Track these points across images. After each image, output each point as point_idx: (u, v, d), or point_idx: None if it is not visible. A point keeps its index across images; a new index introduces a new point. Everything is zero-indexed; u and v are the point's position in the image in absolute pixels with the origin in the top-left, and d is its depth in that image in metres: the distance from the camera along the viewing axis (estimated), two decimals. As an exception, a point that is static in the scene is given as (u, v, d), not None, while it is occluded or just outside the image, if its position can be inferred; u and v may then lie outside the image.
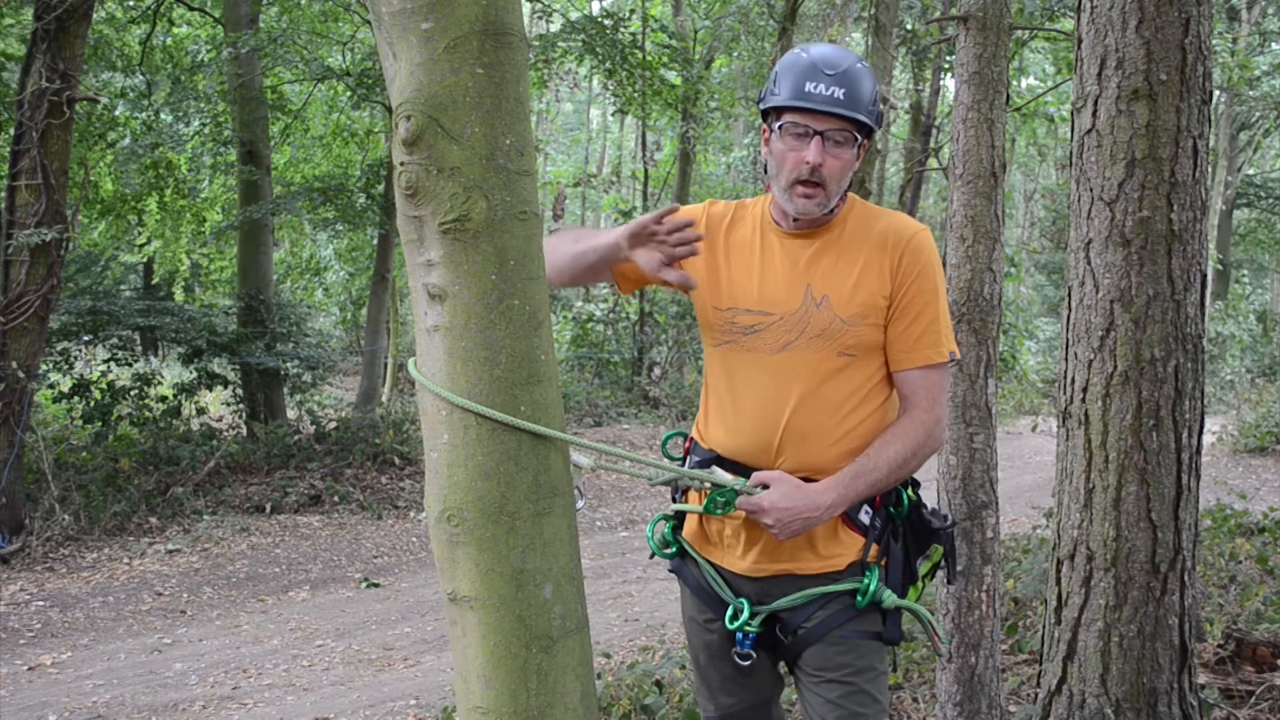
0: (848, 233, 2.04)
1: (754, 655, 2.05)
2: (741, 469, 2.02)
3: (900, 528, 2.07)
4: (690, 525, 2.16)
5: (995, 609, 3.29)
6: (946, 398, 2.05)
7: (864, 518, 2.02)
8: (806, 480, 1.96)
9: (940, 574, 2.38)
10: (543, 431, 1.71)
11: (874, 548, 2.02)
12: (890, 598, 1.99)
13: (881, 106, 2.03)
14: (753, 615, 2.04)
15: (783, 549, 2.00)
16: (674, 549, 2.17)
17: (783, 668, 2.20)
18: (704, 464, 2.09)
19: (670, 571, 2.22)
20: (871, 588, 1.98)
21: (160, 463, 9.19)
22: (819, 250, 2.03)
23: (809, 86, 1.93)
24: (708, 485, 1.97)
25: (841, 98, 1.92)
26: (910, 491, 2.11)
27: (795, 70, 1.96)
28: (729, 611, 2.06)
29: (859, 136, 1.96)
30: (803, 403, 1.98)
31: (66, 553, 7.40)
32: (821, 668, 2.00)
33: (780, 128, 1.97)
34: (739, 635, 2.04)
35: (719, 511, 1.96)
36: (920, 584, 2.10)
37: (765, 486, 1.93)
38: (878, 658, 2.03)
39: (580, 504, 1.82)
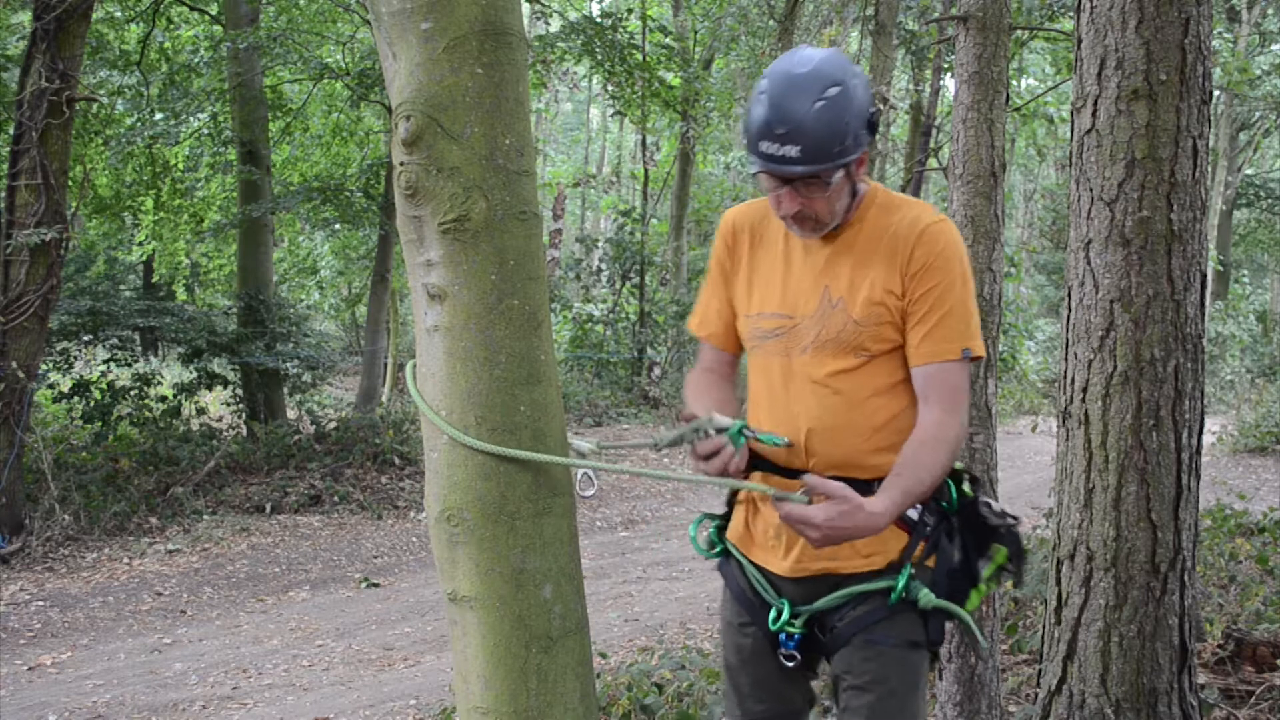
0: (865, 230, 1.97)
1: (798, 656, 1.99)
2: (778, 470, 1.99)
3: (954, 525, 1.99)
4: (735, 526, 2.11)
5: (995, 609, 3.30)
6: (968, 399, 1.95)
7: (911, 514, 1.95)
8: (840, 478, 1.87)
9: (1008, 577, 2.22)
10: (525, 457, 1.71)
11: (921, 545, 1.95)
12: (927, 597, 1.90)
13: (879, 106, 1.93)
14: (795, 616, 1.98)
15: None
16: (719, 548, 2.12)
17: (818, 685, 2.13)
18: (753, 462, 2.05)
19: (717, 570, 2.18)
20: (900, 585, 1.90)
21: (160, 463, 9.19)
22: (837, 250, 1.98)
23: (764, 146, 1.84)
24: (711, 431, 1.89)
25: (797, 155, 1.82)
26: (966, 487, 2.02)
27: (753, 122, 1.86)
28: (772, 613, 2.00)
29: (837, 172, 1.87)
30: (825, 404, 1.94)
31: (66, 553, 7.40)
32: (849, 672, 1.95)
33: (754, 173, 1.93)
34: (782, 636, 1.99)
35: (740, 441, 1.88)
36: (984, 587, 2.01)
37: (809, 494, 1.84)
38: (911, 667, 1.94)
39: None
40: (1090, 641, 2.97)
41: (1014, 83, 17.11)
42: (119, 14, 11.98)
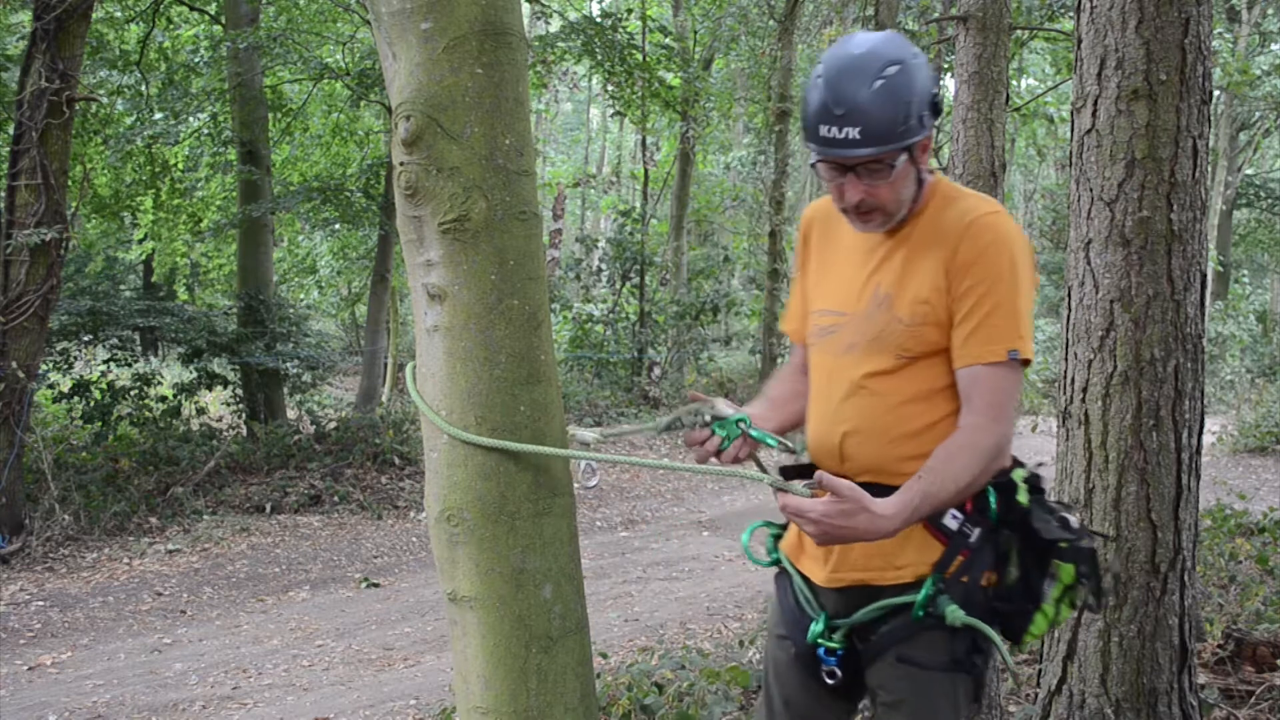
0: (921, 225, 1.87)
1: (839, 674, 1.91)
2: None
3: (1003, 538, 1.83)
4: (789, 537, 2.06)
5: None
6: (1013, 405, 1.79)
7: (950, 522, 1.82)
8: (873, 484, 1.79)
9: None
10: (527, 450, 1.71)
11: (959, 558, 1.81)
12: (954, 613, 1.77)
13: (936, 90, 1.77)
14: (832, 630, 1.90)
15: (856, 555, 1.87)
16: (774, 557, 2.06)
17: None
18: (801, 469, 1.99)
19: (774, 580, 2.12)
20: (920, 598, 1.79)
21: (160, 463, 9.19)
22: (893, 247, 1.88)
23: (823, 130, 1.75)
24: (706, 417, 1.84)
25: (858, 137, 1.73)
26: (1022, 496, 1.84)
27: (810, 107, 1.78)
28: (812, 626, 1.94)
29: (900, 155, 1.77)
30: (860, 406, 1.87)
31: (66, 553, 7.40)
32: (882, 687, 1.88)
33: (814, 162, 1.84)
34: (821, 652, 1.91)
35: (735, 432, 1.83)
36: (1050, 609, 1.84)
37: (812, 487, 1.74)
38: (944, 689, 1.83)
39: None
40: (1090, 641, 2.97)
41: (1014, 83, 17.11)
42: (119, 14, 11.99)
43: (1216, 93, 16.71)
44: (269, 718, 4.66)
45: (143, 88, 12.08)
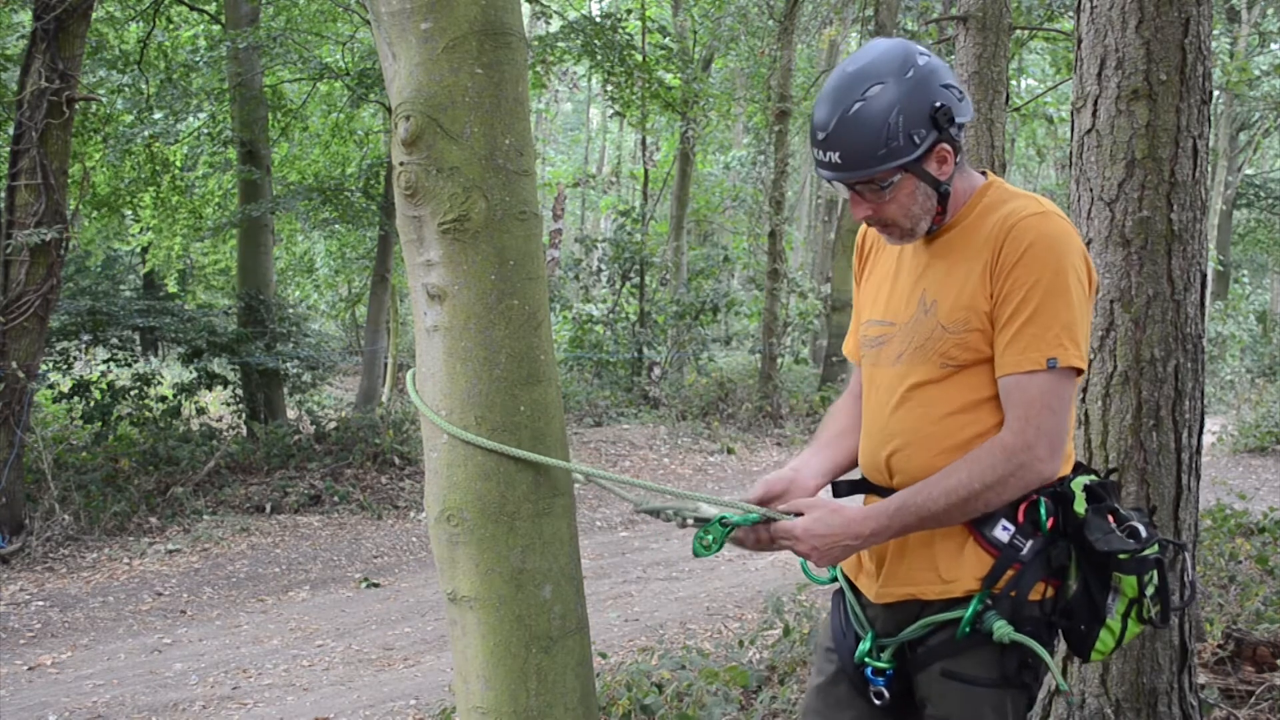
0: (967, 228, 1.82)
1: (886, 695, 1.87)
2: (875, 489, 1.91)
3: (1058, 550, 1.76)
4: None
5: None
6: (1054, 417, 1.70)
7: (1001, 534, 1.75)
8: None
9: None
10: (525, 456, 1.71)
11: (1009, 572, 1.75)
12: (1002, 629, 1.72)
13: (953, 97, 1.73)
14: (881, 649, 1.87)
15: (905, 569, 1.83)
16: (832, 574, 2.04)
17: None
18: (855, 484, 1.97)
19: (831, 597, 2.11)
20: (967, 615, 1.74)
21: (160, 463, 9.19)
22: (936, 253, 1.84)
23: (815, 152, 1.76)
24: (689, 521, 1.82)
25: (839, 161, 1.72)
26: (1079, 505, 1.76)
27: (811, 124, 1.79)
28: (862, 644, 1.91)
29: (895, 174, 1.73)
30: (906, 418, 1.82)
31: (66, 553, 7.40)
32: (929, 700, 1.84)
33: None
34: (869, 672, 1.88)
35: (706, 552, 1.79)
36: (1116, 624, 1.77)
37: (799, 514, 1.78)
38: (992, 705, 1.77)
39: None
40: (1090, 641, 2.97)
41: (1014, 83, 17.11)
42: (119, 14, 11.99)
43: (1216, 93, 16.71)
44: (269, 718, 4.66)
45: (142, 86, 12.08)
